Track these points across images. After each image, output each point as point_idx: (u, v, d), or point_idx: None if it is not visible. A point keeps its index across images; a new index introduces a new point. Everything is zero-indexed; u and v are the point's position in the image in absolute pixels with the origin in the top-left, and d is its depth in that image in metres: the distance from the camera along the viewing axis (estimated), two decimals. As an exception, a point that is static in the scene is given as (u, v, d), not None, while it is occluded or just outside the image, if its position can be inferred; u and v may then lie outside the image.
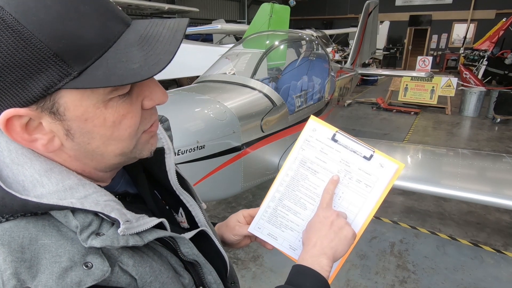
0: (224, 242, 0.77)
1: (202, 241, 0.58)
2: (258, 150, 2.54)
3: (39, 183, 0.40)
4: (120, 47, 0.39)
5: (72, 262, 0.38)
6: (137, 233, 0.43)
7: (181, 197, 0.60)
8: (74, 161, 0.45)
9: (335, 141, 0.67)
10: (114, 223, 0.42)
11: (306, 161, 0.68)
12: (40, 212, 0.39)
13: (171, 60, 0.39)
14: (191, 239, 0.53)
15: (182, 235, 0.51)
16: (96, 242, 0.39)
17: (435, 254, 2.74)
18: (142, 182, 0.56)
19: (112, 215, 0.41)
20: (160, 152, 0.57)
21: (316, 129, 0.68)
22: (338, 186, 0.66)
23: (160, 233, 0.46)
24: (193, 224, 0.61)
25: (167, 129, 0.64)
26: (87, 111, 0.40)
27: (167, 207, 0.60)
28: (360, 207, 0.65)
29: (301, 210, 0.68)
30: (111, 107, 0.41)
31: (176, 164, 0.62)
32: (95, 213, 0.41)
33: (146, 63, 0.39)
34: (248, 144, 2.41)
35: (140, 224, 0.44)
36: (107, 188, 0.49)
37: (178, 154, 1.97)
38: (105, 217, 0.42)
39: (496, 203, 2.21)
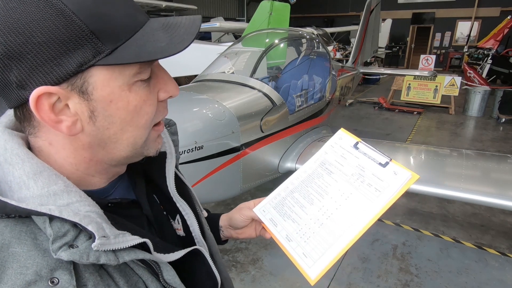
0: (231, 226, 0.79)
1: (194, 258, 0.55)
2: (258, 151, 2.51)
3: (25, 186, 0.40)
4: (147, 31, 0.43)
5: (38, 276, 0.36)
6: (113, 251, 0.40)
7: (178, 205, 0.58)
8: (85, 151, 0.45)
9: (356, 148, 0.72)
10: (92, 236, 0.39)
11: (325, 163, 0.74)
12: (23, 215, 0.39)
13: (193, 40, 0.44)
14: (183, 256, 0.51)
15: (172, 254, 0.49)
16: (64, 254, 0.37)
17: (439, 257, 2.70)
18: (140, 186, 0.56)
19: (89, 228, 0.39)
20: (161, 156, 0.57)
21: (342, 138, 0.76)
22: (348, 187, 0.68)
23: (139, 255, 0.43)
24: (189, 232, 0.60)
25: (174, 133, 0.64)
26: (113, 92, 0.42)
27: (164, 213, 0.59)
28: (364, 209, 0.65)
29: (307, 204, 0.71)
30: (134, 91, 0.44)
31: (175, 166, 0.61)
32: (74, 224, 0.39)
33: (171, 42, 0.43)
34: (248, 145, 2.38)
35: (118, 242, 0.41)
36: (102, 191, 0.49)
37: (175, 155, 1.93)
38: (83, 229, 0.39)
39: (501, 204, 2.16)
